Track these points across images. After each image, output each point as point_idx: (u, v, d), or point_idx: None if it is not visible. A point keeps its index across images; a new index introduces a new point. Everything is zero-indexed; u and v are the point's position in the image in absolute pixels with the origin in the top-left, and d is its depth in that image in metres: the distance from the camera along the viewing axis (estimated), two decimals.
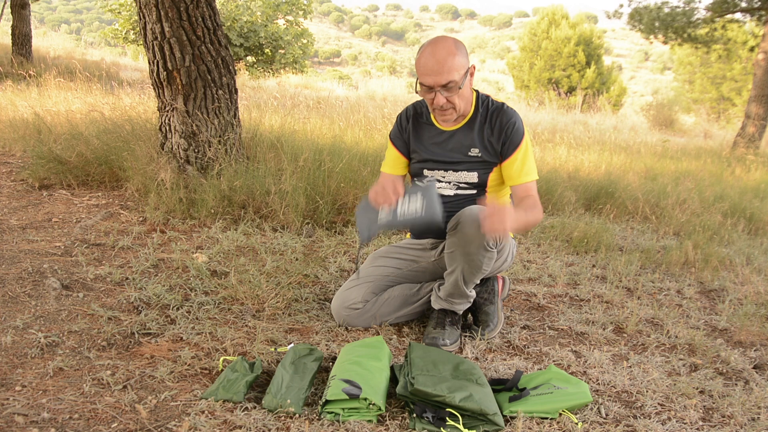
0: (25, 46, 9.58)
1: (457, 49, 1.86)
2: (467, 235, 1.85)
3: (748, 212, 4.33)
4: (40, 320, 1.93)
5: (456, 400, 1.50)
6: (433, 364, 1.65)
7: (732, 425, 1.64)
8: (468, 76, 1.90)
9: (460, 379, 1.61)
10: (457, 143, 2.03)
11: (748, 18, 10.31)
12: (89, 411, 1.47)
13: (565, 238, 3.46)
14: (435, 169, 2.08)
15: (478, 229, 1.83)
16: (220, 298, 2.20)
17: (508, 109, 2.01)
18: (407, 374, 1.61)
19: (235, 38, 14.48)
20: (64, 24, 66.01)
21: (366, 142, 4.86)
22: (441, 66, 1.83)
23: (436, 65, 1.83)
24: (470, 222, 1.85)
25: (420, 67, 1.87)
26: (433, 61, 1.84)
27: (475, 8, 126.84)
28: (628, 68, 63.26)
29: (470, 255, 1.88)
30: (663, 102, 14.53)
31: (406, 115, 2.13)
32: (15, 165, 3.98)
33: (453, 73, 1.84)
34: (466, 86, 1.91)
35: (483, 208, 1.90)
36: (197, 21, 3.27)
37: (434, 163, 2.07)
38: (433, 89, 1.87)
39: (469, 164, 2.03)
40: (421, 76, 1.87)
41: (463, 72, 1.86)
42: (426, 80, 1.86)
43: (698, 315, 2.49)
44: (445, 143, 2.05)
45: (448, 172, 2.06)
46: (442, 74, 1.84)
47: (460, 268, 1.93)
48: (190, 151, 3.40)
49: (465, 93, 1.93)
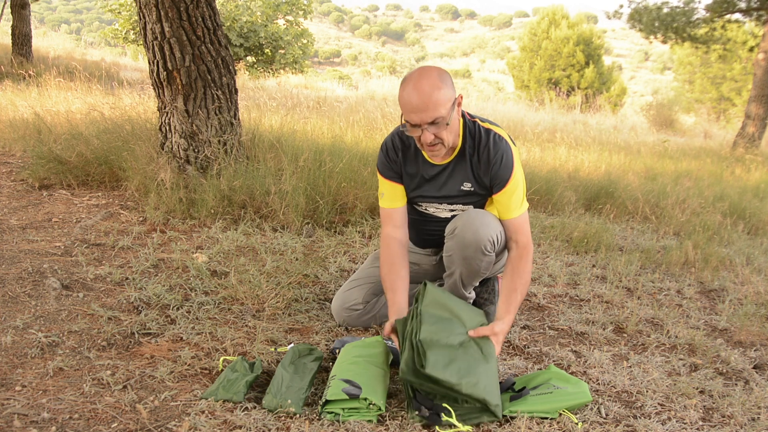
0: (25, 46, 9.58)
1: (441, 81, 1.71)
2: (465, 239, 1.85)
3: (748, 212, 4.33)
4: (40, 320, 1.93)
5: (463, 388, 1.50)
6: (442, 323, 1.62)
7: (732, 425, 1.64)
8: (455, 107, 1.77)
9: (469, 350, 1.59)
10: (449, 178, 1.92)
11: (747, 18, 10.32)
12: (89, 411, 1.47)
13: (565, 238, 3.46)
14: (429, 203, 1.99)
15: (476, 233, 1.82)
16: (220, 298, 2.20)
17: (496, 139, 1.86)
18: (414, 335, 1.57)
19: (235, 38, 14.48)
20: (64, 24, 66.02)
21: (366, 142, 4.86)
22: (426, 103, 1.69)
23: (420, 102, 1.69)
24: (468, 227, 1.84)
25: (404, 104, 1.73)
26: (417, 98, 1.69)
27: (475, 8, 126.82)
28: (628, 68, 63.25)
29: (468, 259, 1.88)
30: (663, 102, 14.54)
31: (393, 147, 1.96)
32: (15, 165, 3.98)
33: (439, 108, 1.70)
34: (454, 119, 1.77)
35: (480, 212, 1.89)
36: (197, 21, 3.27)
37: (428, 198, 1.98)
38: (420, 126, 1.73)
39: (462, 198, 1.94)
40: (406, 113, 1.73)
41: (449, 105, 1.73)
42: (411, 118, 1.72)
43: (698, 315, 2.49)
44: (437, 178, 1.93)
45: (443, 204, 1.97)
46: (428, 111, 1.70)
47: (458, 271, 1.92)
48: (190, 151, 3.40)
49: (453, 126, 1.79)
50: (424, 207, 2.01)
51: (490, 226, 1.85)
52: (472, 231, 1.83)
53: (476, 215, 1.87)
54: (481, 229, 1.83)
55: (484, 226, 1.84)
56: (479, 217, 1.86)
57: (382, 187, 2.00)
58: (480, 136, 1.87)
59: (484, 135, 1.86)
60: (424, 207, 2.01)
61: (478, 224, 1.84)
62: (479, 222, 1.84)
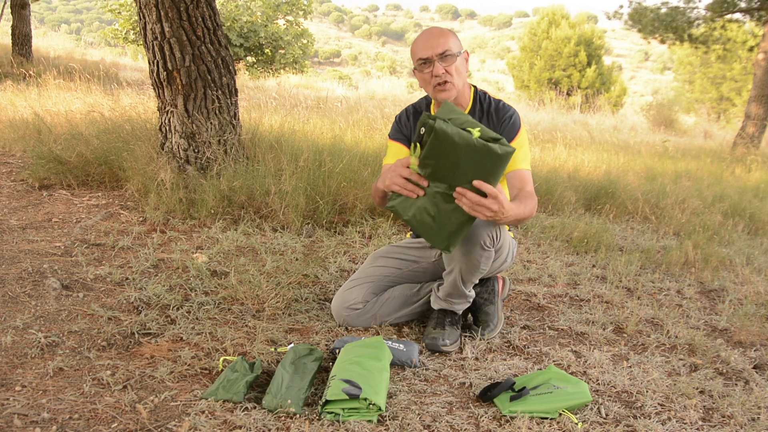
0: (25, 46, 9.58)
1: (450, 32, 1.96)
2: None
3: (748, 212, 4.33)
4: (40, 320, 1.93)
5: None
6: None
7: (732, 425, 1.64)
8: (462, 57, 1.96)
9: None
10: None
11: (747, 18, 10.32)
12: (89, 411, 1.47)
13: (565, 238, 3.46)
14: None
15: (474, 229, 1.83)
16: (220, 298, 2.20)
17: (506, 104, 2.05)
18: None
19: (235, 38, 14.48)
20: (64, 24, 66.03)
21: (366, 142, 4.86)
22: (437, 39, 1.91)
23: (431, 39, 1.92)
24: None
25: (416, 45, 1.95)
26: (428, 37, 1.93)
27: (475, 8, 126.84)
28: (628, 68, 63.26)
29: (468, 255, 1.88)
30: (663, 102, 14.53)
31: (406, 114, 2.15)
32: (15, 165, 3.98)
33: (449, 43, 1.91)
34: (461, 66, 1.96)
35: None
36: (197, 21, 3.27)
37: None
38: (431, 60, 1.91)
39: None
40: (419, 52, 1.93)
41: (458, 47, 1.94)
42: (423, 53, 1.92)
43: (698, 315, 2.49)
44: None
45: None
46: (438, 46, 1.90)
47: (458, 268, 1.93)
48: (190, 151, 3.41)
49: (461, 72, 1.96)
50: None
51: (490, 222, 1.86)
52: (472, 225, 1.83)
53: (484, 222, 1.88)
54: (481, 224, 1.84)
55: (484, 222, 1.85)
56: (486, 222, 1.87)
57: (389, 149, 2.14)
58: (489, 101, 2.06)
59: (494, 101, 2.06)
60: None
61: (478, 220, 1.85)
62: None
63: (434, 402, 1.64)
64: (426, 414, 1.57)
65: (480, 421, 1.56)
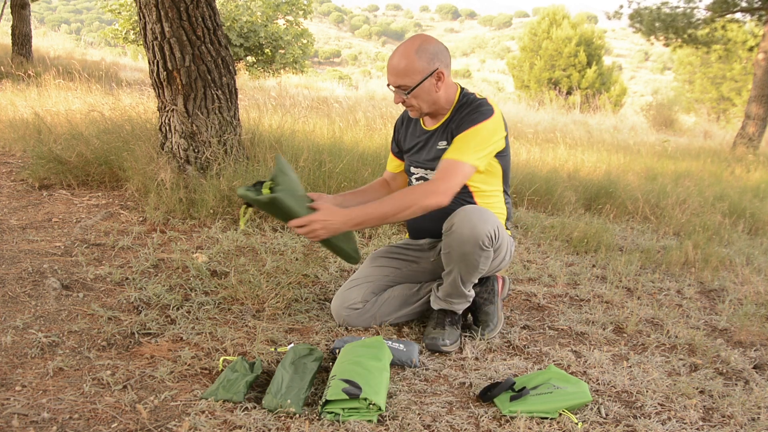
0: (25, 46, 9.58)
1: (417, 54, 1.88)
2: (462, 235, 1.85)
3: (748, 212, 4.33)
4: (40, 320, 1.93)
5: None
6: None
7: (732, 425, 1.64)
8: (430, 79, 1.91)
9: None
10: (433, 143, 2.06)
11: (748, 18, 10.32)
12: (89, 411, 1.47)
13: (565, 238, 3.46)
14: (419, 167, 2.12)
15: (473, 229, 1.84)
16: (220, 298, 2.20)
17: (484, 102, 1.96)
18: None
19: (235, 38, 14.48)
20: (64, 24, 66.02)
21: (366, 142, 4.86)
22: (395, 69, 1.91)
23: (391, 67, 1.92)
24: (465, 222, 1.85)
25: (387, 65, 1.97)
26: (391, 62, 1.93)
27: (475, 8, 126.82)
28: (628, 68, 63.25)
29: (466, 255, 1.88)
30: (663, 102, 14.53)
31: (401, 117, 2.22)
32: (15, 165, 3.98)
33: (404, 78, 1.90)
34: (426, 90, 1.92)
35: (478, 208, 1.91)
36: (197, 21, 3.27)
37: (417, 163, 2.13)
38: (390, 87, 1.97)
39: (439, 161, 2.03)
40: (387, 71, 1.96)
41: (417, 78, 1.89)
42: (387, 77, 1.96)
43: (698, 315, 2.49)
44: (425, 143, 2.09)
45: (428, 171, 2.09)
46: (393, 76, 1.92)
47: (456, 268, 1.93)
48: (190, 151, 3.41)
49: (423, 96, 1.94)
50: (416, 181, 2.13)
51: (488, 221, 1.87)
52: (470, 227, 1.84)
53: (473, 211, 1.89)
54: (479, 224, 1.84)
55: (482, 221, 1.85)
56: (477, 212, 1.88)
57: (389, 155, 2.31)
58: (468, 102, 2.00)
59: (473, 100, 1.99)
60: (416, 181, 2.13)
61: (476, 220, 1.85)
62: (477, 218, 1.86)
63: (434, 402, 1.64)
64: (426, 414, 1.57)
65: (480, 421, 1.56)
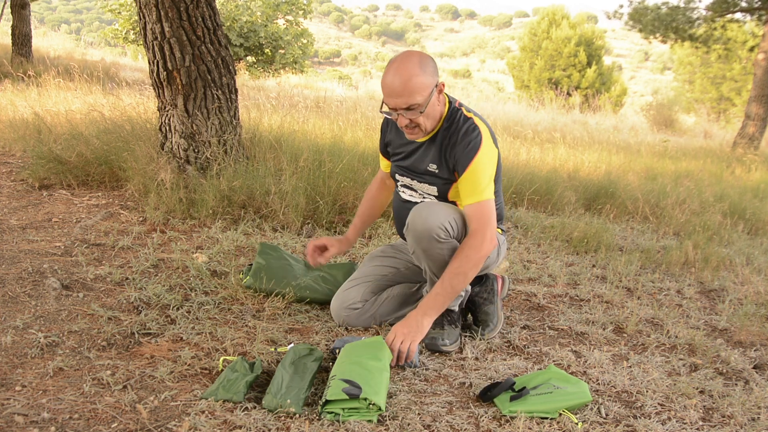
0: (25, 46, 9.57)
1: (421, 68, 1.79)
2: (416, 231, 1.85)
3: (748, 212, 4.33)
4: (40, 320, 1.93)
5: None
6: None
7: (732, 425, 1.64)
8: (435, 94, 1.84)
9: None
10: (419, 157, 2.00)
11: (748, 18, 10.32)
12: (89, 411, 1.47)
13: (565, 238, 3.46)
14: (404, 176, 2.08)
15: (425, 222, 1.83)
16: (220, 298, 2.20)
17: (472, 126, 1.90)
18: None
19: (235, 38, 14.48)
20: (64, 24, 65.98)
21: (366, 142, 4.86)
22: (403, 89, 1.77)
23: (398, 87, 1.78)
24: (416, 218, 1.85)
25: (384, 88, 1.82)
26: (395, 83, 1.78)
27: (475, 8, 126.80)
28: (628, 68, 63.24)
29: (426, 250, 1.87)
30: (663, 102, 14.53)
31: (387, 121, 2.12)
32: (15, 165, 3.98)
33: (415, 96, 1.78)
34: (432, 105, 1.84)
35: (429, 203, 1.89)
36: (197, 21, 3.27)
37: (403, 170, 2.08)
38: (396, 110, 1.83)
39: (429, 178, 2.00)
40: (385, 96, 1.83)
41: (427, 93, 1.80)
42: (389, 102, 1.82)
43: (698, 315, 2.49)
44: (411, 154, 2.03)
45: (413, 181, 2.05)
46: (404, 97, 1.78)
47: (426, 264, 1.93)
48: (190, 151, 3.41)
49: (431, 112, 1.86)
50: (401, 187, 2.11)
51: (439, 213, 1.84)
52: (421, 221, 1.83)
53: (425, 206, 1.87)
54: (430, 217, 1.83)
55: (433, 214, 1.84)
56: (428, 207, 1.87)
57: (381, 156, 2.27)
58: (457, 123, 1.93)
59: (462, 122, 1.92)
60: (401, 187, 2.11)
61: (426, 213, 1.84)
62: (427, 211, 1.85)
63: (434, 402, 1.64)
64: (426, 414, 1.57)
65: (480, 421, 1.57)
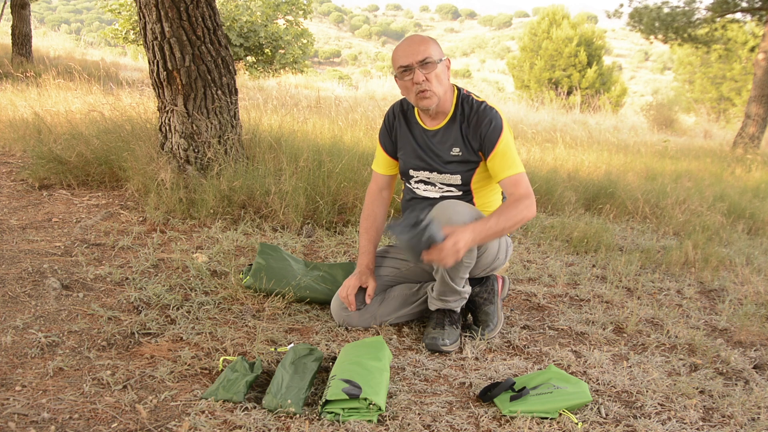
0: (25, 46, 9.58)
1: (431, 40, 1.96)
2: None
3: (748, 212, 4.33)
4: (40, 320, 1.93)
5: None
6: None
7: (732, 425, 1.64)
8: (444, 63, 1.95)
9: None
10: (439, 142, 2.02)
11: (748, 18, 10.32)
12: (89, 411, 1.47)
13: (565, 238, 3.46)
14: (420, 170, 2.08)
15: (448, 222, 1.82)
16: (220, 298, 2.20)
17: (488, 107, 1.99)
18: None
19: (235, 38, 14.48)
20: (64, 24, 65.92)
21: (366, 142, 4.86)
22: (417, 46, 1.91)
23: (411, 46, 1.92)
24: (439, 216, 1.84)
25: (397, 56, 1.94)
26: (408, 44, 1.94)
27: (475, 8, 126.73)
28: (628, 68, 63.20)
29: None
30: (663, 102, 14.53)
31: (393, 112, 2.16)
32: (15, 165, 3.98)
33: (429, 50, 1.91)
34: (443, 73, 1.94)
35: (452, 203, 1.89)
36: (197, 21, 3.27)
37: (420, 163, 2.07)
38: (411, 67, 1.91)
39: (452, 166, 2.01)
40: (399, 59, 1.93)
41: (439, 54, 1.93)
42: (403, 61, 1.92)
43: (698, 315, 2.49)
44: (428, 142, 2.05)
45: (433, 173, 2.05)
46: (419, 53, 1.90)
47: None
48: (190, 151, 3.41)
49: (442, 78, 1.94)
50: (415, 184, 2.10)
51: (463, 213, 1.85)
52: (446, 219, 1.83)
53: (447, 205, 1.88)
54: (454, 217, 1.83)
55: (457, 214, 1.84)
56: (450, 206, 1.87)
57: (377, 151, 2.22)
58: (472, 105, 2.01)
59: (476, 104, 2.00)
60: (415, 184, 2.10)
61: (450, 213, 1.84)
62: (451, 211, 1.85)
63: (434, 402, 1.64)
64: (426, 414, 1.57)
65: (480, 421, 1.57)
